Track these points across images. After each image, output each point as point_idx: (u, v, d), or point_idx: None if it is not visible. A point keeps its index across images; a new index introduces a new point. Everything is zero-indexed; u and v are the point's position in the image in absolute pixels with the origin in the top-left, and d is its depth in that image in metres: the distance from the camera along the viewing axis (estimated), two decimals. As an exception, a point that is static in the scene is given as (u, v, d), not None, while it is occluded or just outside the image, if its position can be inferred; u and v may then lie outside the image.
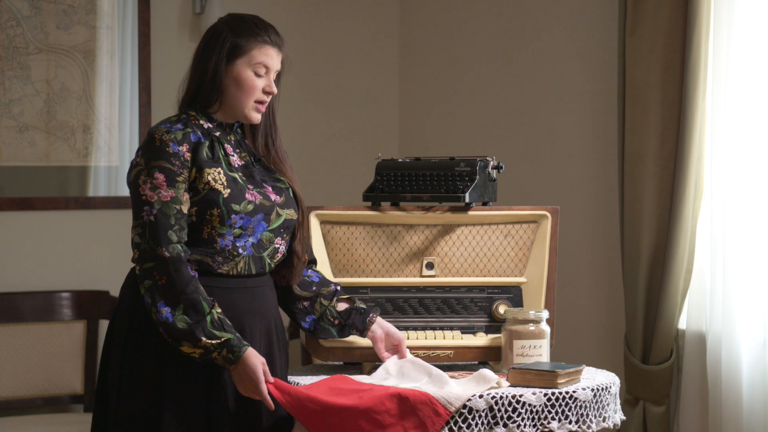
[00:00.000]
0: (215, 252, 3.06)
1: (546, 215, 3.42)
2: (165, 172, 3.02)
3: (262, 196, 3.11)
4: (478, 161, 3.43)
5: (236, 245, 3.07)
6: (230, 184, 3.06)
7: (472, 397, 3.00)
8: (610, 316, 4.68)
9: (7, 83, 4.99)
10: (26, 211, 5.03)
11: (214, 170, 3.06)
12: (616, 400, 3.24)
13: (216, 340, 2.97)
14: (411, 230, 3.42)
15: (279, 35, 3.17)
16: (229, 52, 3.11)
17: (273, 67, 3.14)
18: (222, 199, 3.04)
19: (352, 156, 5.58)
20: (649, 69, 4.27)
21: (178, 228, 3.02)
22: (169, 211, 3.02)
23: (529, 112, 5.06)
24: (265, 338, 3.15)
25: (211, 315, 2.98)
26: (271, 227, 3.12)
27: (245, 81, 3.11)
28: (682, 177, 4.18)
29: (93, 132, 5.09)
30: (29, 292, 4.96)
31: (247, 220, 3.07)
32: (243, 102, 3.11)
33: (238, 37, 3.11)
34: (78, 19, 5.08)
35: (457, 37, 5.40)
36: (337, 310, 3.29)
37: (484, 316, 3.42)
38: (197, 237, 3.06)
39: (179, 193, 3.03)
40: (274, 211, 3.13)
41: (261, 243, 3.11)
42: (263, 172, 3.19)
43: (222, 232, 3.05)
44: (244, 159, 3.16)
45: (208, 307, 2.99)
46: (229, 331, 2.99)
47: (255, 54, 3.11)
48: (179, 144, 3.04)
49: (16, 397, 4.87)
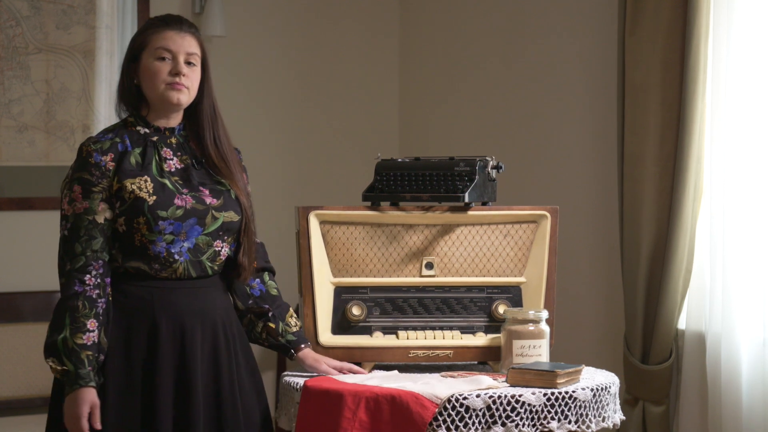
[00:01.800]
0: (150, 259, 3.10)
1: (545, 215, 3.42)
2: (83, 183, 3.10)
3: (195, 200, 3.13)
4: (477, 161, 3.43)
5: (171, 251, 3.10)
6: (157, 191, 3.09)
7: (469, 396, 3.00)
8: (609, 316, 4.68)
9: (7, 83, 4.99)
10: (26, 211, 5.03)
11: (139, 179, 3.10)
12: (616, 400, 3.24)
13: (59, 366, 3.03)
14: (410, 230, 3.42)
15: (182, 21, 3.20)
16: (133, 51, 3.17)
17: (177, 49, 3.15)
18: (147, 206, 3.07)
19: (352, 156, 5.58)
20: (649, 69, 4.27)
21: (86, 238, 3.09)
22: (80, 224, 3.10)
23: (529, 112, 5.06)
24: (209, 339, 3.15)
25: (64, 339, 3.03)
26: (207, 231, 3.14)
27: (149, 68, 3.14)
28: (681, 177, 4.18)
29: (92, 132, 5.08)
30: (29, 292, 4.96)
31: (177, 225, 3.10)
32: (154, 88, 3.14)
33: (139, 35, 3.19)
34: (77, 19, 5.09)
35: (456, 37, 5.40)
36: (267, 330, 3.31)
37: (483, 316, 3.42)
38: (131, 245, 3.11)
39: (93, 204, 3.09)
40: (209, 214, 3.14)
41: (198, 247, 3.13)
42: (204, 175, 3.20)
43: (152, 238, 3.08)
44: (184, 162, 3.19)
45: (69, 332, 3.03)
46: (74, 363, 3.01)
47: (153, 42, 3.15)
48: (104, 154, 3.10)
49: (16, 397, 4.87)
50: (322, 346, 3.36)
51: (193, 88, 3.18)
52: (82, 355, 3.02)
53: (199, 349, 3.12)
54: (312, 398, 3.10)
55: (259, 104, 5.43)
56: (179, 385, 3.10)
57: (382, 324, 3.41)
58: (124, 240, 3.11)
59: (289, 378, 3.28)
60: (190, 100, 3.19)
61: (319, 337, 3.36)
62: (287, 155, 5.49)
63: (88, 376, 3.01)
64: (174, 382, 3.09)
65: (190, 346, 3.11)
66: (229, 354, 3.19)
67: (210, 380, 3.14)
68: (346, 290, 3.40)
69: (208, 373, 3.14)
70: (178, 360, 3.10)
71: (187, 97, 3.17)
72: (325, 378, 3.21)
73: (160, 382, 3.07)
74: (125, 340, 3.10)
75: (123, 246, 3.11)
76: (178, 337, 3.11)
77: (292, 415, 3.20)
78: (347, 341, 3.36)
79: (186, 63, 3.15)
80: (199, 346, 3.12)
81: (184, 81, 3.14)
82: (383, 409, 3.01)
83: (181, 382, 3.10)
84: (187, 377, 3.10)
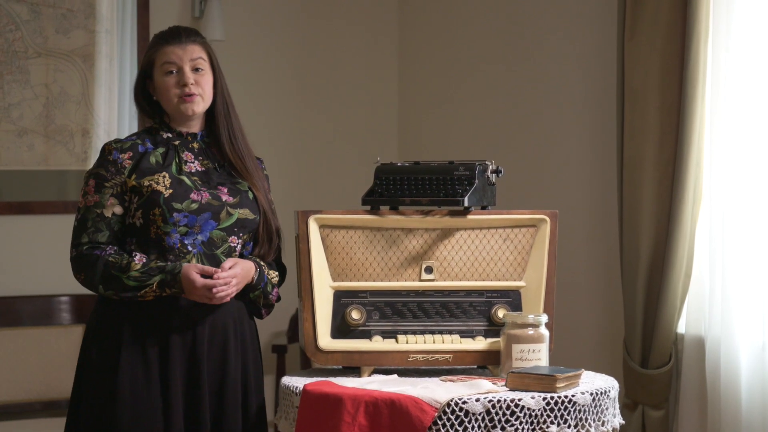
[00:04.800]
0: (165, 250, 3.20)
1: (545, 219, 3.42)
2: (98, 178, 3.23)
3: (212, 197, 3.24)
4: (477, 165, 3.43)
5: (185, 243, 3.21)
6: (174, 185, 3.21)
7: (468, 400, 3.00)
8: (609, 320, 4.68)
9: (6, 87, 4.99)
10: (25, 215, 5.03)
11: (158, 175, 3.22)
12: (615, 405, 3.24)
13: (149, 288, 3.15)
14: (410, 234, 3.42)
15: (181, 33, 3.30)
16: (144, 71, 3.30)
17: (179, 62, 3.26)
18: (162, 198, 3.19)
19: (351, 160, 5.59)
20: (648, 73, 4.27)
21: (93, 230, 3.21)
22: (88, 215, 3.22)
23: (529, 116, 5.06)
24: (220, 332, 3.24)
25: (128, 278, 3.14)
26: (222, 226, 3.25)
27: (160, 85, 3.28)
28: (681, 181, 4.18)
29: (92, 136, 5.09)
30: (28, 296, 4.96)
31: (192, 218, 3.21)
32: (168, 103, 3.28)
33: (145, 55, 3.32)
34: (77, 23, 5.08)
35: (456, 41, 5.40)
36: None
37: (483, 320, 3.42)
38: (146, 238, 3.21)
39: (104, 198, 3.22)
40: (224, 210, 3.25)
41: (212, 241, 3.23)
42: (225, 176, 3.32)
43: (167, 230, 3.19)
44: (205, 166, 3.30)
45: (124, 275, 3.14)
46: (154, 275, 3.14)
47: (157, 59, 3.28)
48: (123, 152, 3.24)
49: (14, 401, 4.87)
50: (322, 350, 3.36)
51: (206, 93, 3.29)
52: (152, 265, 3.16)
53: (208, 343, 3.21)
54: (311, 402, 3.10)
55: (259, 108, 5.43)
56: (189, 380, 3.19)
57: (382, 328, 3.40)
58: (140, 234, 3.22)
59: (288, 382, 3.28)
60: (206, 105, 3.31)
61: (319, 342, 3.36)
62: (286, 159, 5.49)
63: (172, 267, 3.15)
64: (184, 375, 3.18)
65: (200, 341, 3.20)
66: (237, 351, 3.27)
67: (217, 377, 3.23)
68: (345, 294, 3.40)
69: (216, 369, 3.23)
70: (188, 354, 3.19)
71: (202, 104, 3.29)
72: (325, 382, 3.21)
73: (171, 375, 3.16)
74: (140, 335, 3.18)
75: (139, 240, 3.22)
76: (188, 332, 3.20)
77: (292, 419, 3.20)
78: (346, 345, 3.36)
79: (194, 70, 3.26)
80: (208, 341, 3.21)
81: (194, 89, 3.26)
82: (382, 413, 3.01)
83: (190, 376, 3.19)
84: (196, 372, 3.19)
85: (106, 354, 3.19)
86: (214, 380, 3.23)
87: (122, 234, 3.25)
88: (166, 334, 3.19)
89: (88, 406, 3.20)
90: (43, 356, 4.91)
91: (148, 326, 3.19)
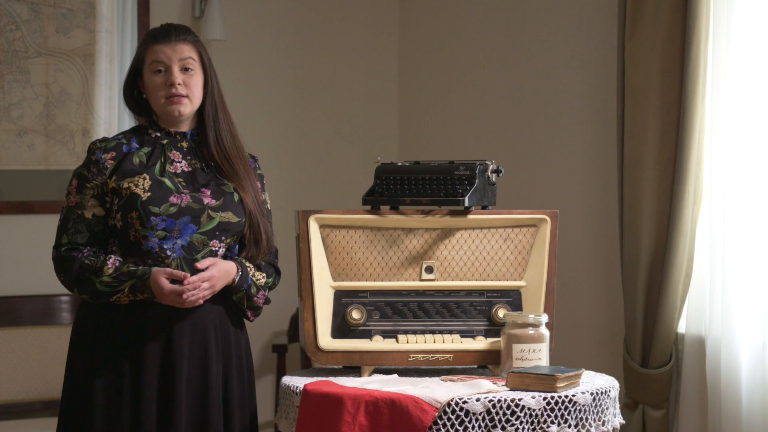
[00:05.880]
0: (144, 254, 3.15)
1: (545, 219, 3.42)
2: (80, 178, 3.20)
3: (193, 200, 3.18)
4: (477, 165, 3.43)
5: (163, 247, 3.16)
6: (153, 188, 3.16)
7: (469, 399, 3.00)
8: (609, 319, 4.68)
9: (7, 87, 4.99)
10: (25, 215, 5.03)
11: (138, 177, 3.16)
12: (616, 404, 3.24)
13: (119, 293, 3.12)
14: (410, 234, 3.42)
15: (171, 31, 3.25)
16: (134, 68, 3.25)
17: (168, 61, 3.21)
18: (140, 201, 3.14)
19: (352, 159, 5.59)
20: (649, 73, 4.27)
21: (72, 231, 3.19)
22: (69, 216, 3.20)
23: (529, 115, 5.06)
24: (199, 340, 3.18)
25: (101, 282, 3.12)
26: (202, 230, 3.19)
27: (148, 84, 3.24)
28: (681, 181, 4.18)
29: (92, 135, 5.09)
30: (28, 296, 4.96)
31: (170, 222, 3.15)
32: (156, 103, 3.24)
33: (136, 52, 3.27)
34: (77, 23, 5.08)
35: (456, 40, 5.40)
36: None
37: (483, 319, 3.42)
38: (126, 241, 3.18)
39: (84, 199, 3.19)
40: (205, 213, 3.19)
41: (192, 245, 3.18)
42: (211, 177, 3.25)
43: (145, 234, 3.15)
44: (193, 166, 3.25)
45: (97, 280, 3.12)
46: (125, 280, 3.11)
47: (147, 57, 3.23)
48: (106, 152, 3.19)
49: (15, 400, 4.87)
50: (322, 350, 3.36)
51: (194, 94, 3.23)
52: (124, 269, 3.12)
53: (187, 349, 3.15)
54: (312, 402, 3.10)
55: (259, 108, 5.43)
56: (163, 385, 3.13)
57: (382, 328, 3.40)
58: (121, 236, 3.18)
59: (288, 381, 3.28)
60: (194, 107, 3.25)
61: (319, 341, 3.36)
62: (287, 159, 5.49)
63: (143, 272, 3.11)
64: (158, 380, 3.12)
65: (177, 346, 3.14)
66: (218, 358, 3.20)
67: (198, 382, 3.16)
68: (345, 294, 3.39)
69: (197, 375, 3.16)
70: (163, 359, 3.13)
71: (189, 106, 3.23)
72: (325, 382, 3.21)
73: (144, 383, 3.11)
74: (113, 339, 3.14)
75: (121, 242, 3.19)
76: (164, 337, 3.14)
77: (292, 419, 3.20)
78: (347, 345, 3.36)
79: (183, 69, 3.21)
80: (188, 346, 3.15)
81: (181, 90, 3.20)
82: (383, 413, 3.01)
83: (165, 381, 3.13)
84: (171, 377, 3.13)
85: (84, 357, 3.16)
86: (196, 388, 3.16)
87: (105, 235, 3.21)
88: (141, 340, 3.13)
89: (67, 408, 3.18)
90: (43, 356, 4.91)
91: (123, 331, 3.14)
